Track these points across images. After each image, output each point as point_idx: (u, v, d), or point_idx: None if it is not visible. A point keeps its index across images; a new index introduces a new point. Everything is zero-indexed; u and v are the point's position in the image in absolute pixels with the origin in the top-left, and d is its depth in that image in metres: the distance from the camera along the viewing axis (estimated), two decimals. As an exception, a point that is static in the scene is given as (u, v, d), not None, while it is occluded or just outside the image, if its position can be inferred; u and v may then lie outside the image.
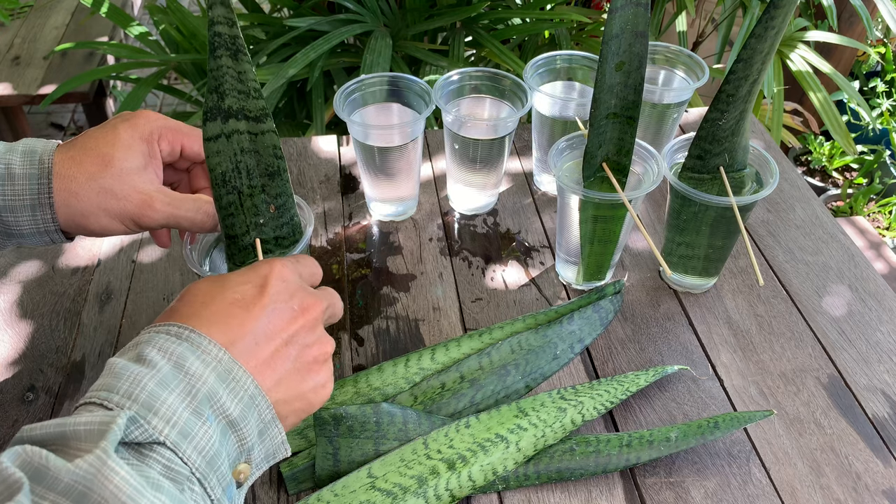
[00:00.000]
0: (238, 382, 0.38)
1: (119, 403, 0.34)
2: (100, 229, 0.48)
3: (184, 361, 0.37)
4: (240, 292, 0.41)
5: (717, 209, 0.61)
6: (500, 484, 0.54)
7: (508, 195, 0.82)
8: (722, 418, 0.56)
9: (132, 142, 0.49)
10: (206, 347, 0.38)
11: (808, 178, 1.97)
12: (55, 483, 0.30)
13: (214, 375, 0.37)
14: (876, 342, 0.66)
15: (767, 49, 0.55)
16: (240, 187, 0.48)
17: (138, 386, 0.35)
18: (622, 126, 0.62)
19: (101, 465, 0.30)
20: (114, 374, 0.35)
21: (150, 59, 1.37)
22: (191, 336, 0.38)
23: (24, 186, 0.46)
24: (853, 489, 0.54)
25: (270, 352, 0.40)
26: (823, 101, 1.38)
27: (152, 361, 0.36)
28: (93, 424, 0.32)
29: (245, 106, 0.46)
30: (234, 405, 0.37)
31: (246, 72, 0.45)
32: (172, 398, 0.35)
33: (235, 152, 0.47)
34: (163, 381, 0.35)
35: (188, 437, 0.35)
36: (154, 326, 0.39)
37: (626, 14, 0.56)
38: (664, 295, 0.70)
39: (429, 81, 1.14)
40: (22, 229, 0.47)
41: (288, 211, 0.52)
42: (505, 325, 0.65)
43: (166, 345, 0.37)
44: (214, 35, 0.43)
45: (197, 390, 0.36)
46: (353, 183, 0.83)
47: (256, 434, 0.38)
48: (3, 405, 0.59)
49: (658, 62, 0.80)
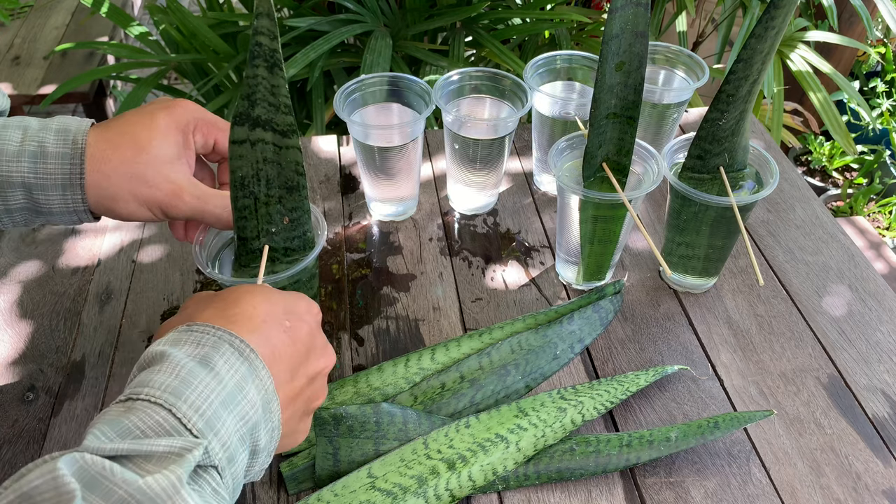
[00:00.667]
0: (272, 414, 0.38)
1: (186, 414, 0.33)
2: (127, 214, 0.48)
3: (245, 384, 0.36)
4: (287, 321, 0.41)
5: (717, 209, 0.61)
6: (500, 484, 0.54)
7: (508, 195, 0.82)
8: (722, 418, 0.56)
9: (168, 130, 0.49)
10: (261, 374, 0.38)
11: (808, 178, 1.97)
12: (109, 494, 0.29)
13: (262, 405, 0.37)
14: (876, 342, 0.66)
15: (767, 49, 0.55)
16: (257, 194, 0.49)
17: (206, 401, 0.34)
18: (622, 126, 0.62)
19: (174, 493, 0.30)
20: (181, 377, 0.35)
21: (150, 59, 1.37)
22: (251, 356, 0.38)
23: (57, 165, 0.46)
24: (853, 489, 0.54)
25: (296, 389, 0.41)
26: (823, 101, 1.38)
27: (220, 374, 0.36)
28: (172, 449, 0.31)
29: (273, 119, 0.46)
30: (263, 436, 0.38)
31: (279, 86, 0.45)
32: (230, 421, 0.35)
33: (258, 160, 0.48)
34: (226, 401, 0.35)
35: (231, 462, 0.35)
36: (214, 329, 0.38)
37: (626, 14, 0.56)
38: (664, 295, 0.70)
39: (429, 81, 1.14)
40: (52, 207, 0.47)
41: (301, 226, 0.52)
42: (505, 325, 0.65)
43: (232, 359, 0.37)
44: (256, 44, 0.43)
45: (249, 418, 0.36)
46: (353, 183, 0.83)
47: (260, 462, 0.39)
48: (3, 405, 0.59)
49: (658, 62, 0.80)
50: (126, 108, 1.31)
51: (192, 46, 1.34)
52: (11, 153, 0.45)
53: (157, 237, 0.75)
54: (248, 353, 0.38)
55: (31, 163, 0.45)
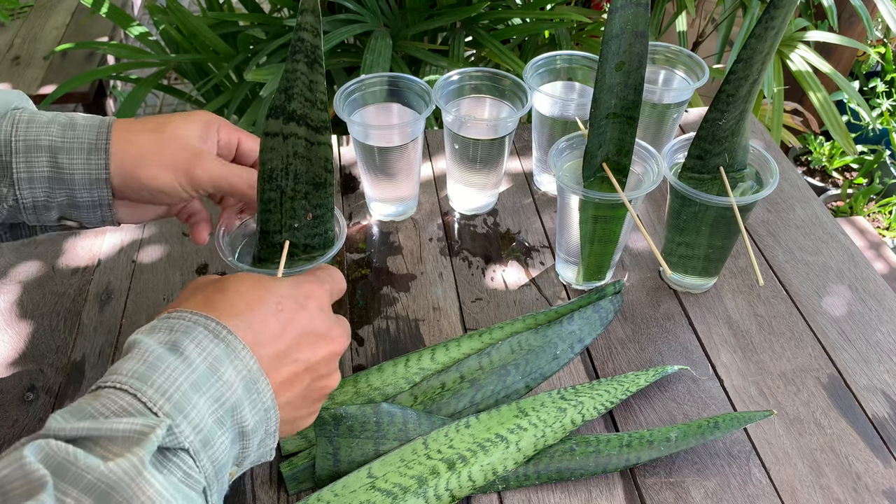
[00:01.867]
0: (260, 394, 0.38)
1: (152, 399, 0.34)
2: (150, 179, 0.48)
3: (219, 365, 0.36)
4: (281, 303, 0.41)
5: (717, 209, 0.61)
6: (500, 484, 0.54)
7: (508, 195, 0.82)
8: (722, 418, 0.56)
9: (190, 118, 0.51)
10: (241, 353, 0.38)
11: (808, 178, 1.97)
12: (78, 479, 0.30)
13: (242, 385, 0.37)
14: (876, 342, 0.66)
15: (767, 49, 0.55)
16: (284, 188, 0.49)
17: (174, 384, 0.34)
18: (622, 126, 0.62)
19: (136, 475, 0.30)
20: (148, 362, 0.35)
21: (150, 59, 1.37)
22: (228, 337, 0.38)
23: (85, 132, 0.48)
24: (853, 489, 0.54)
25: (291, 373, 0.41)
26: (823, 101, 1.38)
27: (189, 358, 0.36)
28: (131, 431, 0.32)
29: (308, 114, 0.47)
30: (251, 417, 0.37)
31: (317, 82, 0.46)
32: (202, 403, 0.35)
33: (288, 154, 0.48)
34: (196, 383, 0.35)
35: (207, 445, 0.35)
36: (189, 313, 0.38)
37: (626, 14, 0.56)
38: (664, 295, 0.70)
39: (429, 81, 1.14)
40: (74, 173, 0.48)
41: (324, 224, 0.52)
42: (505, 325, 0.65)
43: (204, 342, 0.37)
44: (298, 40, 0.44)
45: (226, 399, 0.36)
46: (353, 183, 0.83)
47: (257, 444, 0.39)
48: (3, 405, 0.59)
49: (658, 62, 0.80)
50: (126, 108, 1.31)
51: (192, 46, 1.34)
52: (43, 122, 0.47)
53: (157, 237, 0.75)
54: (225, 335, 0.37)
55: (61, 129, 0.47)
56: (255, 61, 1.22)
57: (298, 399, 0.42)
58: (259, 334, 0.39)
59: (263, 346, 0.39)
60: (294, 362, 0.41)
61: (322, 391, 0.43)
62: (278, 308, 0.41)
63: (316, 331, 0.42)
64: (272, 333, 0.40)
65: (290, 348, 0.41)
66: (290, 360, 0.41)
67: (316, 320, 0.43)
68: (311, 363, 0.42)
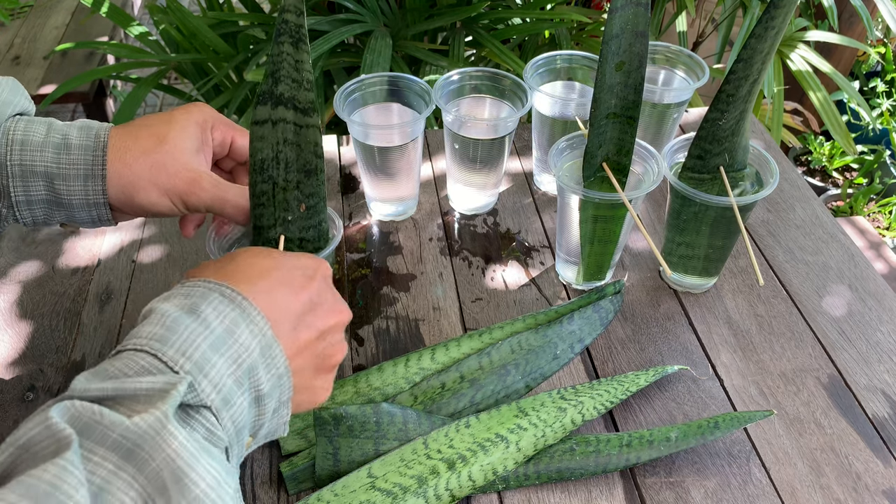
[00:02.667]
0: (274, 360, 0.39)
1: (173, 358, 0.34)
2: (147, 203, 0.48)
3: (235, 328, 0.37)
4: (291, 273, 0.42)
5: (717, 209, 0.61)
6: (500, 484, 0.54)
7: (508, 195, 0.82)
8: (722, 418, 0.56)
9: (187, 125, 0.50)
10: (255, 318, 0.38)
11: (808, 178, 1.97)
12: (104, 438, 0.30)
13: (259, 349, 0.38)
14: (876, 342, 0.66)
15: (767, 49, 0.55)
16: (275, 178, 0.49)
17: (192, 344, 0.35)
18: (622, 126, 0.62)
19: (161, 428, 0.30)
20: (166, 325, 0.35)
21: (150, 59, 1.37)
22: (243, 303, 0.38)
23: (80, 156, 0.47)
24: (853, 489, 0.54)
25: (304, 340, 0.41)
26: (823, 101, 1.38)
27: (206, 320, 0.36)
28: (154, 388, 0.32)
29: (296, 95, 0.47)
30: (266, 381, 0.38)
31: (303, 61, 0.46)
32: (221, 363, 0.35)
33: (279, 141, 0.48)
34: (215, 344, 0.36)
35: (228, 405, 0.35)
36: (205, 282, 0.39)
37: (626, 14, 0.56)
38: (664, 295, 0.70)
39: (429, 81, 1.14)
40: (72, 199, 0.48)
41: (318, 214, 0.52)
42: (505, 325, 0.65)
43: (220, 306, 0.37)
44: (282, 22, 0.44)
45: (243, 360, 0.37)
46: (353, 183, 0.83)
47: (272, 411, 0.39)
48: (3, 405, 0.59)
49: (658, 62, 0.80)
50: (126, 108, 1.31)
51: (192, 46, 1.34)
52: (36, 144, 0.46)
53: (157, 237, 0.75)
54: (240, 301, 0.38)
55: (55, 153, 0.47)
56: (255, 61, 1.22)
57: (310, 366, 0.42)
58: (272, 302, 0.40)
59: (276, 314, 0.40)
60: (308, 328, 0.41)
61: (332, 360, 0.44)
62: (287, 277, 0.41)
63: (326, 300, 0.43)
64: (283, 301, 0.41)
65: (304, 314, 0.41)
66: (304, 325, 0.41)
67: (323, 292, 0.43)
68: (322, 330, 0.42)
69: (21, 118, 0.48)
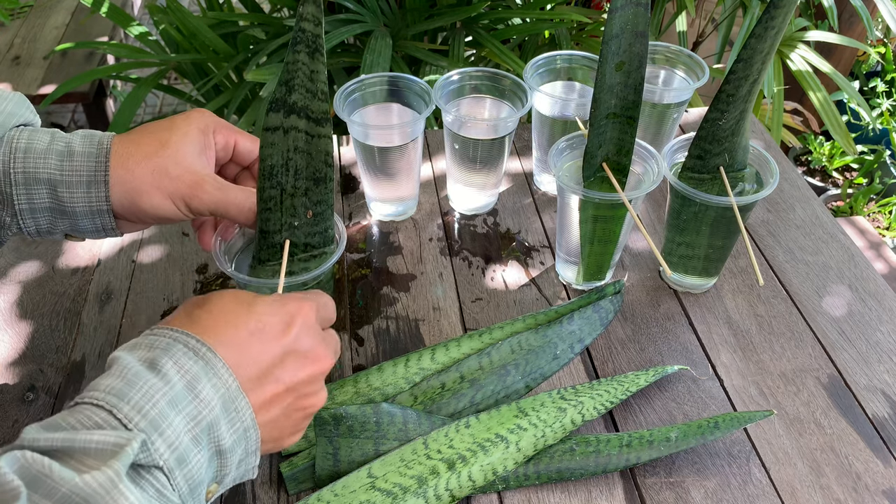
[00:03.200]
0: (238, 413, 0.38)
1: (128, 415, 0.34)
2: (150, 208, 0.48)
3: (196, 383, 0.36)
4: (264, 322, 0.41)
5: (717, 209, 0.61)
6: (500, 484, 0.54)
7: (508, 195, 0.82)
8: (722, 418, 0.56)
9: (188, 129, 0.50)
10: (220, 371, 0.37)
11: (808, 178, 1.97)
12: (52, 492, 0.29)
13: (221, 404, 0.37)
14: (876, 342, 0.66)
15: (767, 49, 0.55)
16: (284, 185, 0.49)
17: (150, 401, 0.34)
18: (622, 126, 0.62)
19: (112, 487, 0.30)
20: (126, 379, 0.35)
21: (150, 59, 1.37)
22: (207, 355, 0.37)
23: (83, 163, 0.47)
24: (853, 489, 0.54)
25: (272, 393, 0.40)
26: (823, 101, 1.38)
27: (167, 376, 0.36)
28: (106, 444, 0.32)
29: (309, 105, 0.47)
30: (228, 436, 0.37)
31: (318, 72, 0.45)
32: (178, 420, 0.35)
33: (289, 149, 0.48)
34: (173, 401, 0.35)
35: (182, 464, 0.35)
36: (171, 330, 0.38)
37: (626, 14, 0.56)
38: (664, 295, 0.70)
39: (429, 81, 1.14)
40: (76, 206, 0.47)
41: (324, 221, 0.52)
42: (505, 325, 0.65)
43: (183, 360, 0.37)
44: (299, 30, 0.44)
45: (202, 417, 0.36)
46: (353, 183, 0.83)
47: (237, 462, 0.39)
48: (3, 405, 0.59)
49: (658, 62, 0.80)
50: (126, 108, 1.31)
51: (192, 46, 1.34)
52: (39, 151, 0.46)
53: (157, 237, 0.75)
54: (205, 352, 0.37)
55: (58, 160, 0.47)
56: (255, 61, 1.22)
57: (281, 418, 0.41)
58: (240, 354, 0.39)
59: (244, 366, 0.39)
60: (276, 382, 0.40)
61: (307, 410, 0.43)
62: (259, 327, 0.40)
63: (299, 350, 0.42)
64: (253, 353, 0.40)
65: (273, 367, 0.40)
66: (272, 379, 0.40)
67: (301, 339, 0.42)
68: (293, 383, 0.41)
69: (25, 128, 0.48)
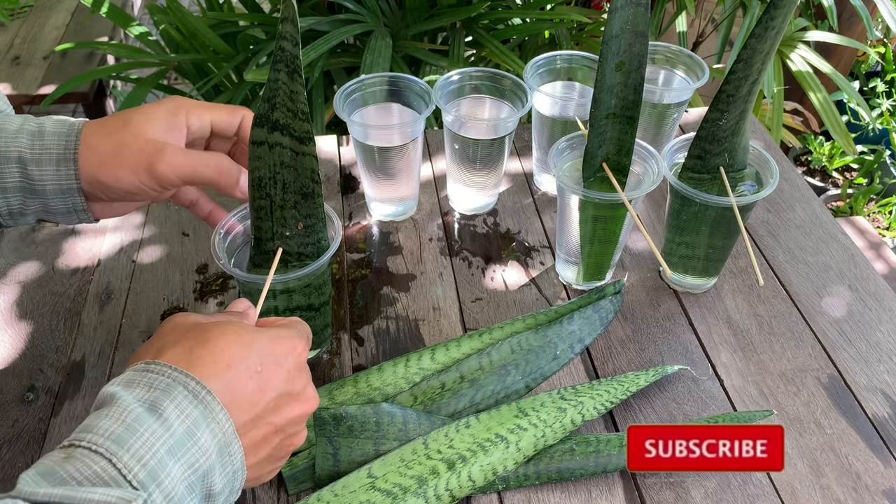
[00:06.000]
0: (231, 457, 0.38)
1: (128, 465, 0.33)
2: (114, 182, 0.48)
3: (196, 429, 0.36)
4: (263, 365, 0.41)
5: (717, 209, 0.61)
6: (500, 484, 0.54)
7: (508, 195, 0.82)
8: (722, 418, 0.56)
9: (155, 111, 0.50)
10: (217, 416, 0.37)
11: (808, 178, 1.97)
12: None
13: (217, 450, 0.37)
14: (876, 342, 0.66)
15: (767, 49, 0.55)
16: (273, 196, 0.50)
17: (150, 450, 0.34)
18: (622, 126, 0.62)
19: None
20: (126, 424, 0.34)
21: (150, 59, 1.37)
22: (206, 398, 0.37)
23: (53, 141, 0.47)
24: (853, 489, 0.54)
25: (262, 435, 0.41)
26: (823, 101, 1.38)
27: (167, 421, 0.35)
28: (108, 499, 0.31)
29: (291, 124, 0.47)
30: (220, 481, 0.37)
31: (297, 92, 0.46)
32: (176, 469, 0.34)
33: (275, 163, 0.48)
34: (173, 449, 0.35)
35: None
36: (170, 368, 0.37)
37: (626, 14, 0.56)
38: (664, 295, 0.70)
39: (429, 81, 1.14)
40: (45, 185, 0.48)
41: (315, 233, 0.53)
42: (505, 325, 0.65)
43: (184, 404, 0.36)
44: (279, 49, 0.44)
45: (199, 465, 0.36)
46: (353, 183, 0.83)
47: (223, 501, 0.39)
48: (3, 405, 0.59)
49: (658, 62, 0.80)
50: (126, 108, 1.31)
51: (192, 46, 1.34)
52: (11, 131, 0.47)
53: (157, 237, 0.75)
54: (204, 396, 0.37)
55: (29, 139, 0.47)
56: (255, 61, 1.22)
57: (265, 459, 0.42)
58: (236, 396, 0.39)
59: (239, 410, 0.39)
60: (267, 424, 0.41)
61: (288, 449, 0.43)
62: (257, 368, 0.40)
63: (291, 391, 0.42)
64: (249, 396, 0.40)
65: (266, 411, 0.40)
66: (264, 422, 0.40)
67: (293, 380, 0.42)
68: (282, 424, 0.41)
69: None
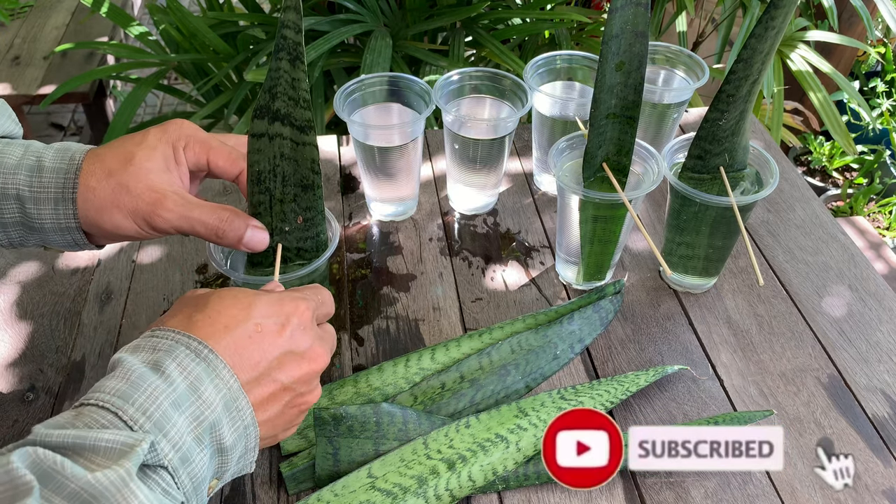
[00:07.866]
0: (240, 412, 0.39)
1: (133, 417, 0.34)
2: (112, 227, 0.47)
3: (199, 384, 0.37)
4: (262, 325, 0.41)
5: (717, 209, 0.61)
6: (500, 484, 0.54)
7: (508, 195, 0.82)
8: (722, 418, 0.56)
9: (157, 143, 0.48)
10: (221, 372, 0.38)
11: (808, 178, 1.97)
12: (61, 488, 0.30)
13: (223, 404, 0.38)
14: (876, 342, 0.66)
15: (767, 49, 0.55)
16: (272, 190, 0.49)
17: (154, 403, 0.35)
18: (622, 126, 0.62)
19: (123, 486, 0.31)
20: (130, 381, 0.36)
21: (150, 59, 1.37)
22: (209, 356, 0.38)
23: (51, 179, 0.46)
24: (853, 489, 0.54)
25: (270, 392, 0.41)
26: (823, 101, 1.38)
27: (170, 377, 0.36)
28: (116, 443, 0.32)
29: (292, 113, 0.47)
30: (229, 434, 0.38)
31: (300, 80, 0.45)
32: (182, 421, 0.36)
33: (275, 155, 0.48)
34: (177, 402, 0.36)
35: (186, 462, 0.35)
36: (173, 332, 0.39)
37: (626, 14, 0.56)
38: (664, 295, 0.70)
39: (429, 81, 1.14)
40: (43, 223, 0.47)
41: (315, 227, 0.52)
42: (505, 325, 0.65)
43: (185, 361, 0.37)
44: (281, 38, 0.44)
45: (205, 418, 0.37)
46: (353, 183, 0.83)
47: (237, 458, 0.39)
48: (3, 405, 0.59)
49: (658, 62, 0.80)
50: (126, 108, 1.31)
51: (192, 46, 1.34)
52: (10, 166, 0.46)
53: (157, 237, 0.75)
54: (207, 354, 0.38)
55: (28, 176, 0.46)
56: (255, 61, 1.22)
57: (278, 416, 0.42)
58: (239, 357, 0.40)
59: (241, 369, 0.40)
60: (273, 382, 0.41)
61: (301, 407, 0.44)
62: (257, 329, 0.41)
63: (296, 350, 0.42)
64: (252, 355, 0.40)
65: (270, 369, 0.41)
66: (270, 379, 0.41)
67: (297, 339, 0.42)
68: (290, 382, 0.42)
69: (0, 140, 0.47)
